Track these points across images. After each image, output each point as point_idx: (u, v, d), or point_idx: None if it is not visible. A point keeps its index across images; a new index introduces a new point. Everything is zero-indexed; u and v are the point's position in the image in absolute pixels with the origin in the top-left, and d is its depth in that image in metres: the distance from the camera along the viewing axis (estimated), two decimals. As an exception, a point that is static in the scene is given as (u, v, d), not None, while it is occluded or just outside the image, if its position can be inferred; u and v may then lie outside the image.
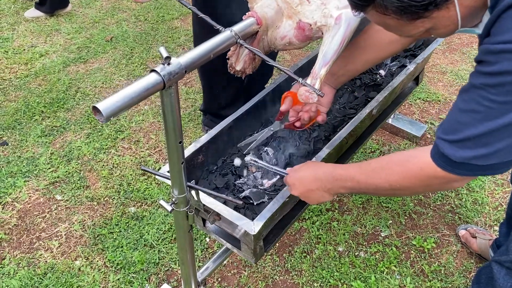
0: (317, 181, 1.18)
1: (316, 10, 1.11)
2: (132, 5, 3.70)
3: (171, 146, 1.12)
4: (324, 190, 1.18)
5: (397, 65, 2.02)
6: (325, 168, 1.19)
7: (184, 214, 1.28)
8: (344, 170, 1.14)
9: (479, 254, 1.94)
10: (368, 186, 1.07)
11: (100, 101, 0.88)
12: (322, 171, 1.18)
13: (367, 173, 1.07)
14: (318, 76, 1.07)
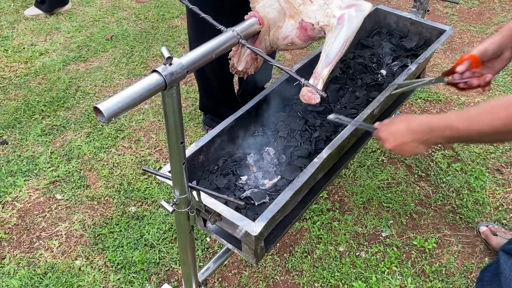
0: (411, 133, 1.17)
1: (319, 10, 1.10)
2: (132, 4, 3.69)
3: (172, 147, 1.11)
4: (420, 142, 1.16)
5: (398, 65, 2.01)
6: (419, 120, 1.17)
7: (185, 214, 1.28)
8: (441, 120, 1.12)
9: (496, 252, 1.94)
10: (470, 133, 1.05)
11: (101, 101, 0.88)
12: (416, 123, 1.16)
13: (469, 120, 1.05)
14: (321, 76, 1.07)
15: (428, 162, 2.36)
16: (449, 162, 2.36)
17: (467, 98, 2.76)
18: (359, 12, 1.07)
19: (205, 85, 2.28)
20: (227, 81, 2.24)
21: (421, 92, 2.79)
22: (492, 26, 3.41)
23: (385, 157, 2.39)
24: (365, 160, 2.37)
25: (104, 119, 0.89)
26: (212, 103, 2.34)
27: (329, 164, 1.62)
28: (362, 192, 2.21)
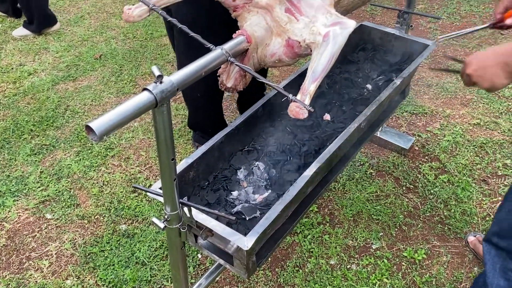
0: (495, 55, 1.14)
1: (305, 28, 1.14)
2: (120, 23, 3.72)
3: (163, 164, 1.13)
4: (502, 67, 1.13)
5: (383, 79, 2.06)
6: (506, 44, 1.15)
7: (177, 231, 1.29)
8: None
9: None
10: None
11: (92, 120, 0.89)
12: (503, 46, 1.14)
13: None
14: (308, 92, 1.09)
15: (416, 174, 2.40)
16: (436, 174, 2.39)
17: (452, 110, 2.82)
18: (343, 29, 1.10)
19: (193, 103, 2.30)
20: (214, 100, 2.26)
21: (407, 105, 2.85)
22: (474, 40, 3.50)
23: (373, 170, 2.42)
24: (354, 173, 2.40)
25: (96, 137, 0.91)
26: (201, 121, 2.37)
27: (319, 178, 1.65)
28: (351, 205, 2.24)
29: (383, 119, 2.10)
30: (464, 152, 2.51)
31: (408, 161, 2.48)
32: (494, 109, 2.81)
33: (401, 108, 2.82)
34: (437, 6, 4.00)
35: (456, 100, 2.91)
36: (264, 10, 1.18)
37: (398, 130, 2.65)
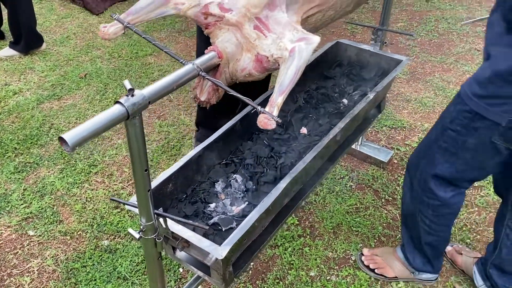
0: None
1: (272, 43, 1.19)
2: (106, 43, 3.78)
3: (137, 174, 1.16)
4: None
5: (359, 94, 2.12)
6: None
7: (152, 241, 1.32)
8: None
9: (462, 270, 2.03)
10: None
11: (66, 132, 0.93)
12: None
13: None
14: (276, 104, 1.14)
15: (395, 187, 2.45)
16: (415, 186, 2.44)
17: (430, 124, 2.88)
18: (308, 44, 1.16)
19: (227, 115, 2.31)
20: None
21: (386, 120, 2.91)
22: (452, 56, 3.60)
23: (353, 183, 2.47)
24: (334, 186, 2.44)
25: (69, 148, 0.94)
26: (209, 115, 2.36)
27: (295, 189, 1.69)
28: (331, 217, 2.27)
29: (360, 132, 2.16)
30: (442, 165, 2.57)
31: (387, 174, 2.53)
32: (471, 123, 2.88)
33: (381, 123, 2.88)
34: (416, 24, 4.12)
35: (434, 115, 2.98)
36: (234, 28, 1.24)
37: (377, 144, 2.71)
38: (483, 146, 1.45)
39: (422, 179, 1.68)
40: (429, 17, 4.19)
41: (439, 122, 1.60)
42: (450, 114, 1.51)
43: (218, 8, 1.24)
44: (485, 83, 1.35)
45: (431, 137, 1.64)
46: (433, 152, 1.60)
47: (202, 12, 1.25)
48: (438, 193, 1.65)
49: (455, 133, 1.49)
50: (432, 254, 1.89)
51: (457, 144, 1.50)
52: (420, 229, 1.79)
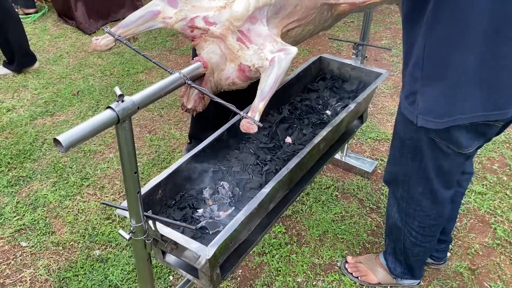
0: None
1: (254, 54, 1.28)
2: (98, 61, 3.87)
3: (127, 177, 1.23)
4: None
5: (341, 105, 2.21)
6: None
7: (142, 242, 1.38)
8: None
9: None
10: None
11: (61, 134, 1.00)
12: None
13: None
14: (257, 110, 1.23)
15: (379, 196, 2.53)
16: (398, 195, 2.52)
17: (413, 136, 2.98)
18: (287, 55, 1.25)
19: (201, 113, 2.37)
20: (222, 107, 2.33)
21: (371, 132, 3.01)
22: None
23: (338, 192, 2.54)
24: (320, 195, 2.52)
25: (63, 149, 1.02)
26: (204, 128, 2.42)
27: (280, 195, 1.76)
28: (318, 225, 2.34)
29: (344, 142, 2.24)
30: (424, 174, 2.66)
31: (372, 183, 2.62)
32: (452, 134, 2.98)
33: (365, 135, 2.98)
34: (400, 41, 4.25)
35: (416, 127, 3.08)
36: (218, 39, 1.33)
37: (362, 155, 2.80)
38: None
39: (405, 192, 1.75)
40: (412, 34, 4.34)
41: (395, 137, 1.68)
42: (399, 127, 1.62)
43: (203, 22, 1.33)
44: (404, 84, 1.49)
45: (394, 155, 1.71)
46: (408, 172, 1.66)
47: (188, 25, 1.34)
48: (423, 204, 1.72)
49: (411, 141, 1.57)
50: (417, 265, 1.95)
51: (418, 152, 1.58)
52: (405, 242, 1.86)
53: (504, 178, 2.63)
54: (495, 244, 2.25)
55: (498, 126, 1.45)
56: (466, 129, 1.41)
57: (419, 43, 1.35)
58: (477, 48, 1.27)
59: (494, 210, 2.43)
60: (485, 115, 1.35)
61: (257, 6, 1.31)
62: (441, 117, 1.37)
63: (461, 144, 1.45)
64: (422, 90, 1.38)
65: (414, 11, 1.36)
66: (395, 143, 1.68)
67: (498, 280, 2.08)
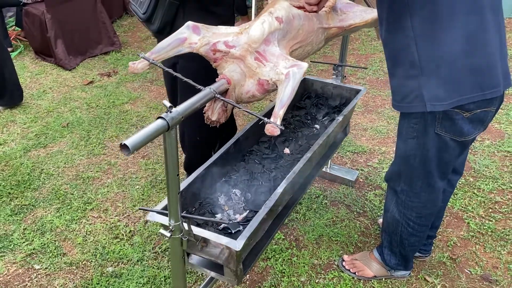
0: None
1: (270, 70, 1.52)
2: (82, 94, 4.00)
3: (171, 179, 1.42)
4: None
5: (328, 119, 2.48)
6: None
7: (179, 240, 1.55)
8: None
9: None
10: None
11: (126, 139, 1.19)
12: None
13: None
14: (278, 115, 1.45)
15: (363, 201, 2.78)
16: (380, 199, 2.79)
17: (387, 148, 3.28)
18: (299, 69, 1.49)
19: (192, 146, 2.51)
20: (210, 144, 2.51)
21: (349, 146, 3.29)
22: (397, 91, 4.08)
23: (327, 201, 2.78)
24: (311, 204, 2.74)
25: (129, 152, 1.20)
26: (197, 162, 2.58)
27: (286, 198, 1.97)
28: (313, 230, 2.56)
29: (332, 152, 2.49)
30: (401, 180, 2.95)
31: (356, 191, 2.87)
32: (421, 144, 3.31)
33: (344, 149, 3.25)
34: (363, 65, 4.63)
35: (389, 139, 3.39)
36: (238, 60, 1.56)
37: (344, 166, 3.06)
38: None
39: (406, 186, 1.96)
40: (374, 58, 4.73)
41: (400, 140, 1.91)
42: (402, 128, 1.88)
43: (224, 45, 1.56)
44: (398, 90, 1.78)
45: (399, 155, 1.94)
46: (410, 165, 1.89)
47: (211, 49, 1.57)
48: (422, 196, 1.94)
49: (415, 140, 1.84)
50: (411, 254, 2.19)
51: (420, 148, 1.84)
52: (402, 233, 2.07)
53: (470, 179, 2.95)
54: (470, 236, 2.53)
55: (493, 111, 1.72)
56: (468, 119, 1.67)
57: (410, 47, 1.60)
58: (463, 40, 1.54)
59: (465, 207, 2.73)
60: (482, 94, 1.61)
61: (270, 30, 1.55)
62: (445, 99, 1.61)
63: (463, 132, 1.70)
64: (424, 83, 1.62)
65: (396, 21, 1.63)
66: (399, 145, 1.90)
67: (476, 266, 2.35)
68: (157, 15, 1.98)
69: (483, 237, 2.52)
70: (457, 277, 2.30)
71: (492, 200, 2.77)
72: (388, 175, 2.05)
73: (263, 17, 1.58)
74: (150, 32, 2.11)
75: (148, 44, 5.10)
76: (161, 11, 1.96)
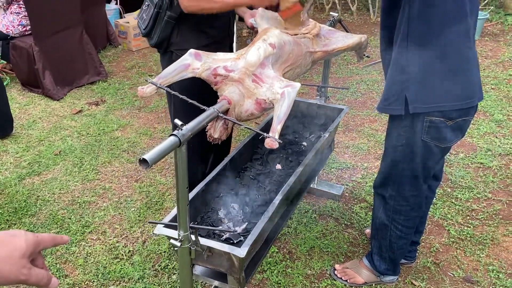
0: None
1: (267, 90, 1.69)
2: (72, 123, 4.10)
3: (181, 191, 1.55)
4: None
5: (314, 136, 2.65)
6: None
7: (188, 250, 1.67)
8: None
9: None
10: None
11: (145, 154, 1.33)
12: None
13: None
14: (276, 130, 1.61)
15: (350, 214, 2.94)
16: (366, 211, 2.96)
17: (369, 163, 3.47)
18: (293, 88, 1.66)
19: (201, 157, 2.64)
20: (203, 160, 2.63)
21: (333, 163, 3.46)
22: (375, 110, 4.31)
23: (316, 215, 2.93)
24: (301, 218, 2.89)
25: (147, 166, 1.33)
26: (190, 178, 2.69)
27: (281, 210, 2.11)
28: (304, 243, 2.69)
29: (320, 168, 2.66)
30: (384, 193, 3.13)
31: (343, 204, 3.03)
32: (400, 159, 3.51)
33: (329, 165, 3.42)
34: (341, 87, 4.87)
35: (370, 156, 3.58)
36: (237, 82, 1.72)
37: (329, 182, 3.23)
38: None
39: (394, 191, 2.11)
40: (351, 81, 4.98)
41: (389, 146, 2.08)
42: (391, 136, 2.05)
43: (223, 70, 1.73)
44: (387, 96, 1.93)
45: (388, 162, 2.09)
46: (399, 171, 2.05)
47: (212, 73, 1.73)
48: (410, 199, 2.10)
49: (404, 147, 1.98)
50: (399, 258, 2.35)
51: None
52: (391, 237, 2.22)
53: (448, 190, 3.15)
54: (451, 242, 2.71)
55: (470, 120, 1.92)
56: (451, 127, 1.86)
57: (405, 57, 1.78)
58: (451, 50, 1.75)
59: (445, 215, 2.91)
60: (461, 103, 1.81)
61: (265, 55, 1.73)
62: (428, 103, 1.80)
63: (446, 139, 1.89)
64: (412, 89, 1.80)
65: (391, 38, 1.84)
66: (388, 153, 2.06)
67: (458, 269, 2.52)
68: (155, 32, 2.21)
69: (463, 242, 2.70)
70: (441, 280, 2.46)
71: (469, 208, 2.97)
72: (376, 182, 2.20)
73: (258, 43, 1.76)
74: (149, 45, 2.35)
75: (133, 73, 5.24)
76: (158, 28, 2.19)
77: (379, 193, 2.20)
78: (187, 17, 2.12)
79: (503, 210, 2.95)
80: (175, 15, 2.13)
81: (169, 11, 2.11)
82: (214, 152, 2.57)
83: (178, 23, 2.16)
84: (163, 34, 2.19)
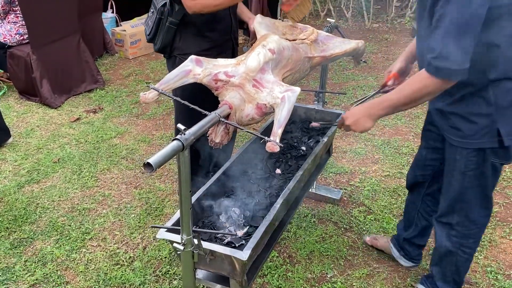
0: (363, 109, 1.76)
1: (267, 95, 1.71)
2: (70, 131, 4.11)
3: (184, 195, 1.56)
4: (368, 116, 1.75)
5: (313, 141, 2.67)
6: (370, 100, 1.74)
7: (191, 253, 1.68)
8: (382, 97, 1.73)
9: (382, 250, 2.65)
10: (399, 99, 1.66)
11: (149, 158, 1.35)
12: (368, 103, 1.77)
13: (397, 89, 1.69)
14: (277, 134, 1.64)
15: (349, 217, 2.96)
16: (365, 215, 2.98)
17: (366, 168, 3.50)
18: (293, 93, 1.69)
19: None
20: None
21: (331, 168, 3.49)
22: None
23: (315, 219, 2.95)
24: (300, 223, 2.90)
25: (152, 170, 1.35)
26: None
27: (281, 214, 2.13)
28: (304, 247, 2.71)
29: (318, 172, 2.68)
30: (382, 197, 3.15)
31: (341, 208, 3.05)
32: (398, 163, 3.54)
33: (327, 170, 3.45)
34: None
35: (367, 160, 3.61)
36: (238, 87, 1.75)
37: (328, 186, 3.25)
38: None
39: (462, 217, 2.02)
40: (347, 86, 5.02)
41: (456, 173, 1.94)
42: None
43: (224, 75, 1.75)
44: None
45: (456, 189, 2.00)
46: (468, 198, 1.98)
47: (213, 79, 1.76)
48: (479, 221, 2.02)
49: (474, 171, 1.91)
50: (463, 276, 2.22)
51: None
52: (457, 262, 2.12)
53: (445, 193, 3.18)
54: (449, 244, 2.73)
55: None
56: None
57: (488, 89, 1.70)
58: None
59: (443, 218, 2.94)
60: None
61: (265, 60, 1.76)
62: None
63: (510, 157, 1.86)
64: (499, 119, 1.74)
65: None
66: (456, 179, 1.95)
67: (457, 271, 2.54)
68: (158, 37, 2.29)
69: (461, 244, 2.72)
70: (440, 281, 2.48)
71: (466, 210, 3.00)
72: (442, 212, 2.09)
73: (258, 49, 1.79)
74: (154, 51, 2.42)
75: (130, 81, 5.26)
76: (161, 34, 2.27)
77: (445, 222, 2.09)
78: (189, 22, 2.17)
79: (500, 212, 2.99)
80: (176, 21, 2.18)
81: (171, 17, 2.17)
82: (215, 157, 2.60)
83: (179, 28, 2.22)
84: (165, 40, 2.26)
